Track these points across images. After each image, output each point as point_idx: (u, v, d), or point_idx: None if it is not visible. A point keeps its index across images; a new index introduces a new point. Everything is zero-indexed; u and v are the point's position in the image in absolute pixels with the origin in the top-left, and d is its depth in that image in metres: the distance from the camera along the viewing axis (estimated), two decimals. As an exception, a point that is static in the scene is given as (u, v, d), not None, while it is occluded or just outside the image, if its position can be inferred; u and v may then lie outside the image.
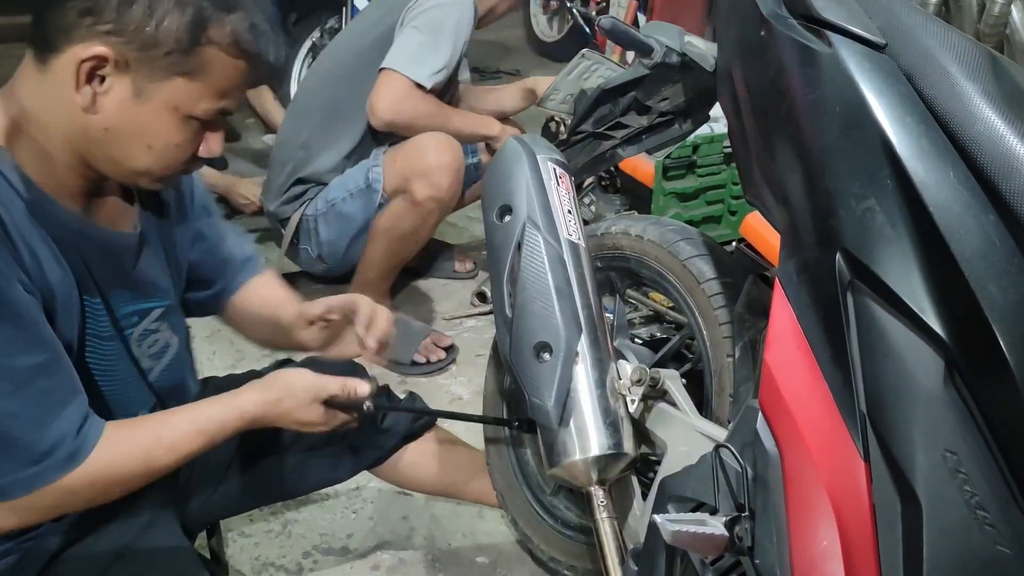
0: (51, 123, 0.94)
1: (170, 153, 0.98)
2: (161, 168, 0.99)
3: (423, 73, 2.15)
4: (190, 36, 0.92)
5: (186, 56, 0.92)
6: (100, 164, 0.98)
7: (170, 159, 0.99)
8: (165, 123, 0.95)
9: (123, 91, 0.93)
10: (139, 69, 0.92)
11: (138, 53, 0.91)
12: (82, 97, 0.92)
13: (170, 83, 0.93)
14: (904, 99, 0.82)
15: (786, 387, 0.86)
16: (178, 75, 0.93)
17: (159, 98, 0.94)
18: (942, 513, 0.74)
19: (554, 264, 1.18)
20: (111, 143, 0.95)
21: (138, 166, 0.98)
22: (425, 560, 1.65)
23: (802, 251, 0.88)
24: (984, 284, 0.74)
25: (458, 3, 2.21)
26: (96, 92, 0.92)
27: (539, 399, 1.14)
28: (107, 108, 0.93)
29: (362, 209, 2.24)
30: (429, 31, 2.17)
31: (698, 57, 1.18)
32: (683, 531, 0.86)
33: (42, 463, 0.92)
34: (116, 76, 0.92)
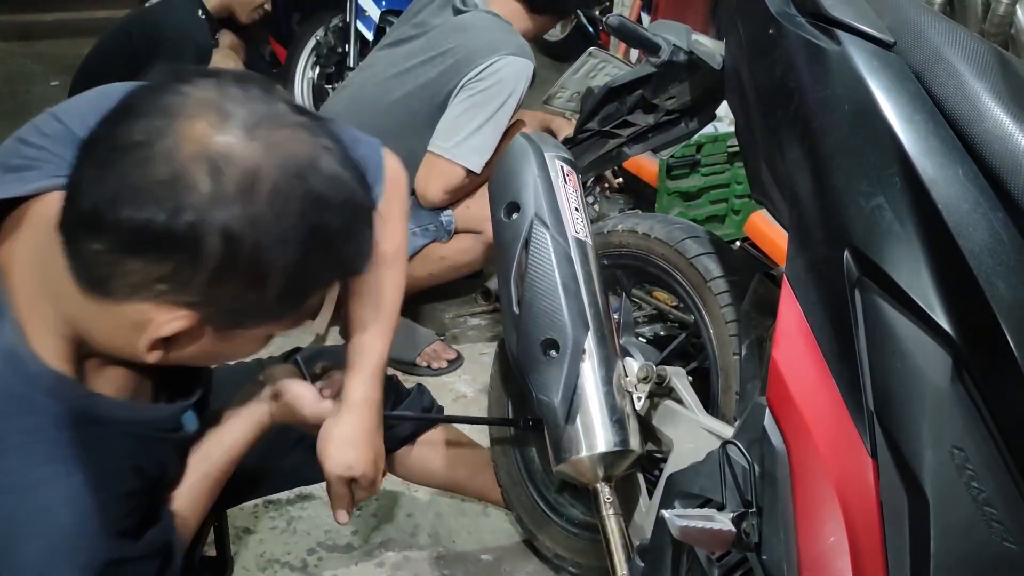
0: (126, 349, 0.81)
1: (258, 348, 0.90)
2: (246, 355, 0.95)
3: (478, 161, 2.03)
4: (297, 297, 0.79)
5: (289, 307, 0.80)
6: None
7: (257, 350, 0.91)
8: (252, 346, 0.87)
9: (205, 339, 0.80)
10: (223, 325, 0.79)
11: (231, 317, 0.78)
12: (152, 356, 0.79)
13: (258, 327, 0.83)
14: (913, 97, 0.83)
15: (794, 384, 0.86)
16: (268, 322, 0.82)
17: (247, 337, 0.84)
18: (949, 509, 0.74)
19: (561, 262, 1.18)
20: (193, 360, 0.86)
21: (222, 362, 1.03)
22: (430, 557, 1.65)
23: (810, 248, 0.88)
24: (992, 281, 0.74)
25: (521, 73, 2.04)
26: (168, 349, 0.80)
27: (546, 396, 1.14)
28: (182, 354, 0.81)
29: (423, 243, 2.16)
30: (490, 110, 2.02)
31: (705, 55, 1.18)
32: (691, 527, 0.86)
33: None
34: (195, 333, 0.78)
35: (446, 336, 2.37)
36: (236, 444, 1.08)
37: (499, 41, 2.04)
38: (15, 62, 4.44)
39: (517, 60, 2.02)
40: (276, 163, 0.71)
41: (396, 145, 2.11)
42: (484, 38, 2.04)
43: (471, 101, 2.02)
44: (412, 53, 2.11)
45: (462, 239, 2.15)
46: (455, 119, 2.04)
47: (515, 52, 2.03)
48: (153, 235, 0.69)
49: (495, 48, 2.01)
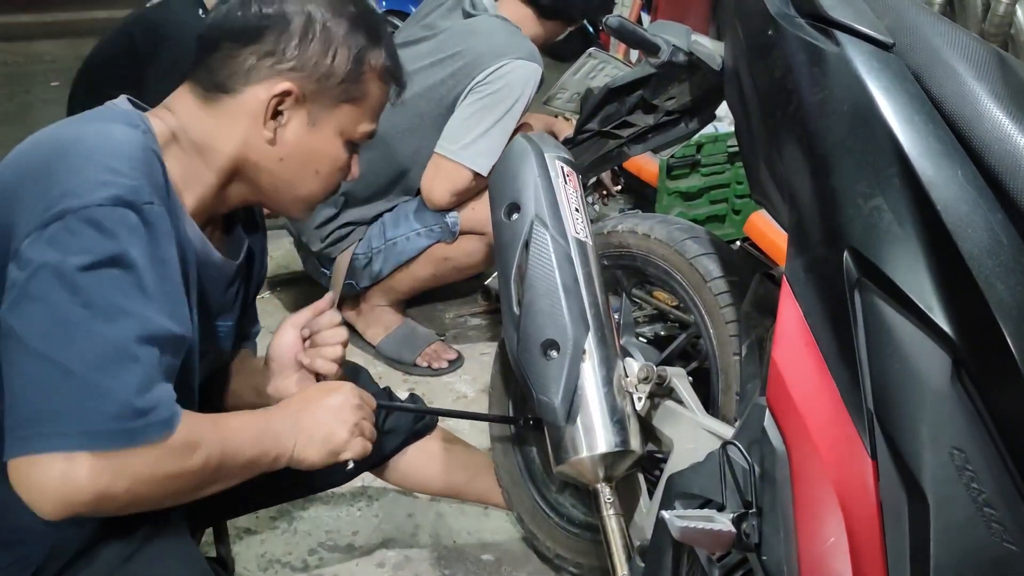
0: (220, 150, 1.03)
1: (334, 177, 1.10)
2: (322, 192, 1.11)
3: (485, 164, 2.03)
4: (356, 66, 1.04)
5: (354, 84, 1.05)
6: (262, 192, 1.08)
7: (332, 182, 1.11)
8: (334, 148, 1.08)
9: (300, 121, 1.04)
10: (315, 100, 1.04)
11: (316, 85, 1.03)
12: (267, 131, 1.02)
13: (339, 110, 1.06)
14: (912, 98, 0.83)
15: (794, 385, 0.86)
16: (346, 102, 1.05)
17: (330, 125, 1.06)
18: (949, 510, 0.75)
19: (562, 262, 1.18)
20: (283, 171, 1.06)
21: (304, 191, 1.09)
22: (431, 558, 1.65)
23: (809, 249, 0.88)
24: (991, 282, 0.74)
25: (530, 77, 2.04)
26: (277, 126, 1.03)
27: (546, 397, 1.15)
28: (286, 139, 1.04)
29: (428, 244, 2.16)
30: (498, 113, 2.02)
31: (705, 56, 1.18)
32: (691, 527, 0.86)
33: (145, 418, 0.88)
34: (295, 109, 1.03)
35: (446, 336, 2.37)
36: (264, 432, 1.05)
37: (508, 45, 2.04)
38: (16, 63, 4.45)
39: (525, 64, 2.03)
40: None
41: (402, 146, 2.12)
42: (493, 42, 2.05)
43: (479, 104, 2.02)
44: (420, 55, 2.11)
45: (467, 241, 2.15)
46: (463, 122, 2.04)
47: (523, 56, 2.03)
48: (258, 21, 1.01)
49: (504, 52, 2.02)
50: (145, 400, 0.88)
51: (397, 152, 2.12)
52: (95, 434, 0.85)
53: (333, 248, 2.19)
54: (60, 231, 0.86)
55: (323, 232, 2.18)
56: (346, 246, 2.17)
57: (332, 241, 2.18)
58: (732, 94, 1.09)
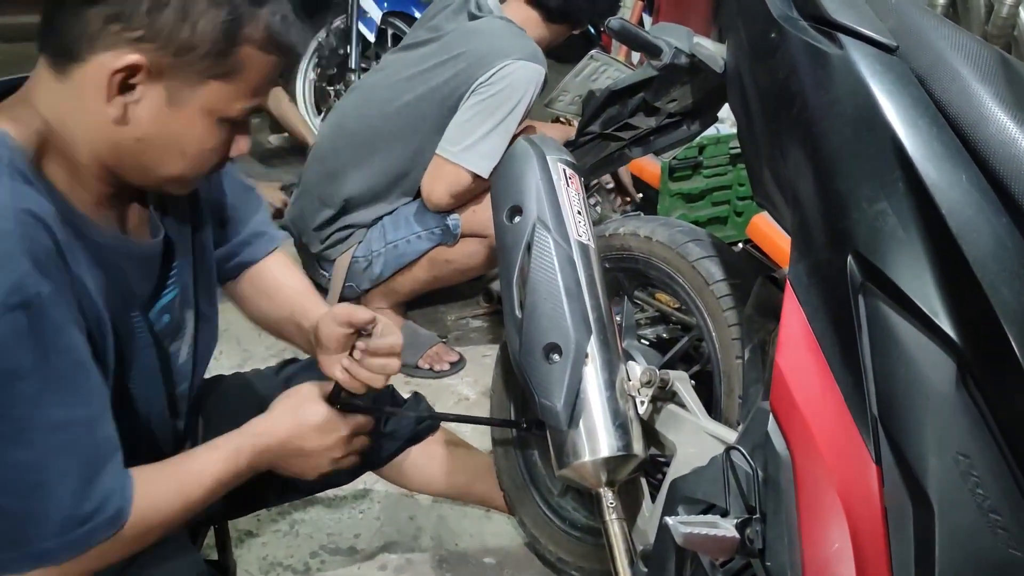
0: (77, 135, 0.90)
1: (205, 157, 0.95)
2: (194, 173, 0.97)
3: (486, 166, 2.03)
4: (226, 37, 0.87)
5: (223, 58, 0.88)
6: (129, 174, 0.94)
7: (204, 163, 0.96)
8: (201, 128, 0.92)
9: (156, 99, 0.88)
10: (173, 75, 0.87)
11: (172, 59, 0.86)
12: (113, 109, 0.87)
13: (205, 87, 0.89)
14: (916, 101, 0.82)
15: (797, 389, 0.86)
16: (214, 78, 0.89)
17: (194, 103, 0.90)
18: (954, 516, 0.74)
19: (564, 265, 1.18)
20: (143, 152, 0.92)
21: (171, 173, 0.95)
22: (432, 560, 1.65)
23: (813, 253, 0.88)
24: (996, 286, 0.74)
25: (532, 78, 2.04)
26: (127, 103, 0.88)
27: (548, 400, 1.14)
28: (139, 118, 0.89)
29: (429, 246, 2.16)
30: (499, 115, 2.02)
31: (707, 59, 1.18)
32: (694, 533, 0.86)
33: (91, 522, 0.88)
34: (148, 84, 0.87)
35: (448, 338, 2.37)
36: (211, 468, 1.04)
37: (510, 46, 2.04)
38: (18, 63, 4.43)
39: (527, 65, 2.02)
40: None
41: (404, 147, 2.12)
42: (495, 43, 2.04)
43: (481, 106, 2.02)
44: (424, 57, 2.11)
45: (468, 243, 2.15)
46: (464, 123, 2.04)
47: (525, 57, 2.02)
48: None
49: (506, 53, 2.01)
50: (86, 504, 0.88)
51: (398, 154, 2.12)
52: (44, 553, 0.87)
53: (332, 250, 2.18)
54: None
55: (322, 234, 2.18)
56: (345, 248, 2.17)
57: (331, 243, 2.18)
58: (735, 97, 1.08)
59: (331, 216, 2.16)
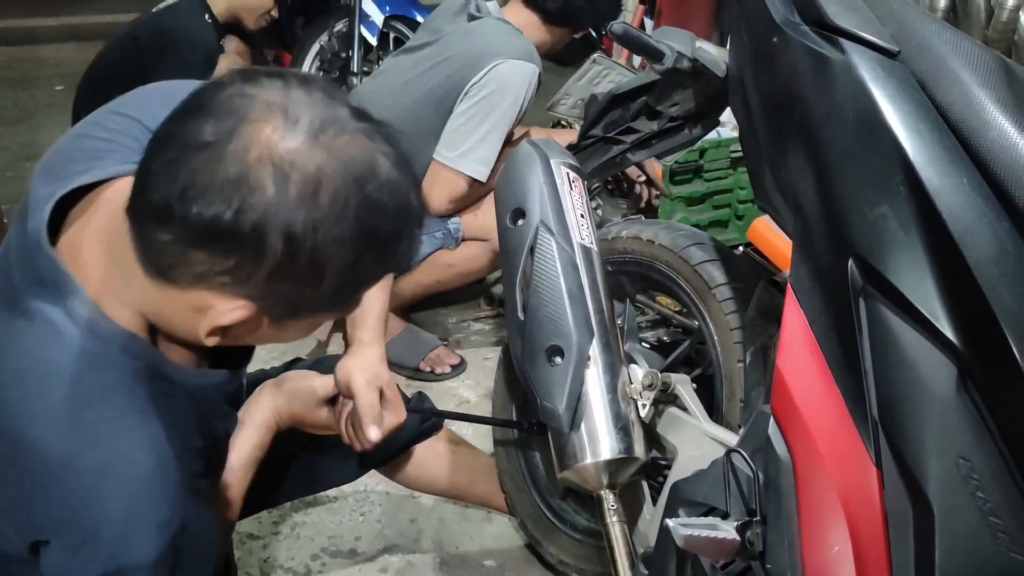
0: (176, 327, 0.84)
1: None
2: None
3: (483, 171, 2.03)
4: (348, 292, 0.81)
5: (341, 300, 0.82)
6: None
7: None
8: (303, 332, 0.88)
9: (259, 326, 0.81)
10: (280, 316, 0.80)
11: (285, 312, 0.80)
12: (209, 340, 0.81)
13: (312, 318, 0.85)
14: (917, 106, 0.83)
15: (798, 393, 0.86)
16: (321, 313, 0.84)
17: (297, 327, 0.85)
18: (954, 519, 0.74)
19: (567, 268, 1.18)
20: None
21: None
22: (433, 563, 1.65)
23: (814, 257, 0.88)
24: (997, 290, 0.74)
25: (524, 77, 2.02)
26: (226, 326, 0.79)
27: (550, 403, 1.14)
28: (236, 335, 0.82)
29: (430, 250, 2.15)
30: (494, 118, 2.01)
31: (709, 63, 1.18)
32: (695, 535, 0.86)
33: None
34: (252, 320, 0.79)
35: (449, 341, 2.37)
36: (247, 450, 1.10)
37: (502, 45, 2.03)
38: (20, 66, 4.46)
39: (518, 63, 2.01)
40: (338, 168, 0.73)
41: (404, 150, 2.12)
42: (487, 43, 2.04)
43: (475, 109, 2.01)
44: (421, 60, 2.11)
45: (469, 247, 2.15)
46: (459, 128, 2.03)
47: (517, 56, 2.01)
48: (219, 231, 0.71)
49: (497, 52, 2.01)
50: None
51: None
52: None
53: None
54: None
55: None
56: None
57: None
58: (736, 101, 1.09)
59: None
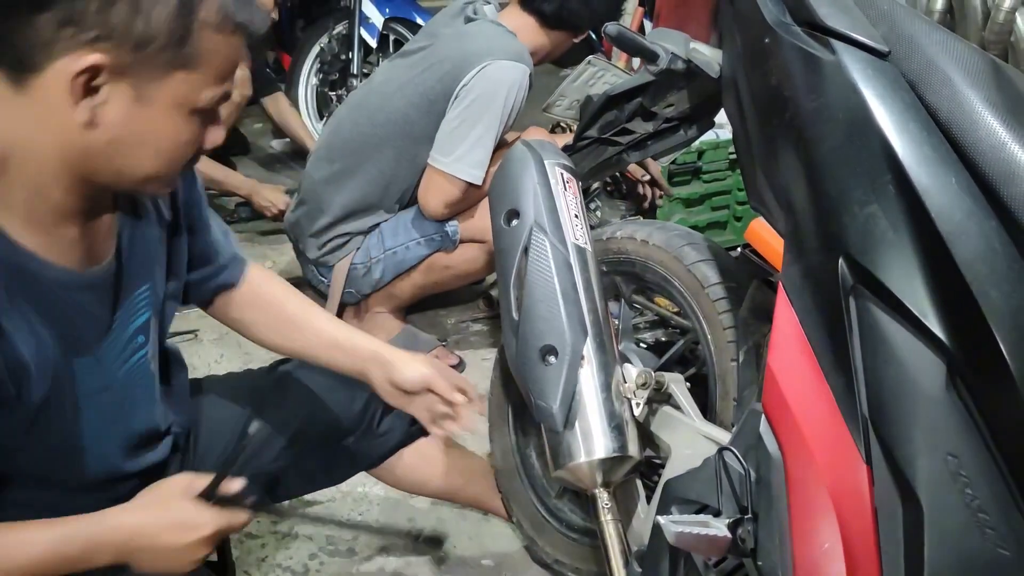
0: (42, 150, 0.87)
1: (180, 152, 0.92)
2: (170, 170, 0.94)
3: (478, 175, 2.03)
4: (182, 22, 0.85)
5: (182, 46, 0.85)
6: (104, 179, 0.91)
7: (180, 158, 0.93)
8: (172, 122, 0.89)
9: (123, 99, 0.86)
10: (136, 72, 0.85)
11: (132, 54, 0.84)
12: (81, 113, 0.84)
13: (170, 79, 0.86)
14: (907, 106, 0.83)
15: (789, 391, 0.87)
16: (177, 68, 0.86)
17: (162, 98, 0.87)
18: (943, 515, 0.75)
19: (560, 268, 1.19)
20: (116, 155, 0.89)
21: (147, 172, 0.92)
22: (431, 563, 1.65)
23: (805, 256, 0.89)
24: (985, 289, 0.75)
25: (513, 78, 2.02)
26: (94, 106, 0.85)
27: (545, 402, 1.15)
28: (109, 120, 0.86)
29: (427, 252, 2.16)
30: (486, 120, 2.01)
31: (703, 64, 1.19)
32: (686, 532, 0.87)
33: None
34: (113, 84, 0.84)
35: (448, 342, 2.38)
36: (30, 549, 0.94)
37: (492, 46, 2.03)
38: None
39: (507, 64, 2.00)
40: None
41: (396, 154, 2.13)
42: (477, 45, 2.04)
43: (466, 112, 2.01)
44: (415, 63, 2.12)
45: (467, 249, 2.15)
46: (452, 132, 2.04)
47: (507, 56, 2.01)
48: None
49: (486, 53, 2.00)
50: None
51: (390, 161, 2.13)
52: None
53: (330, 256, 2.19)
54: None
55: (319, 240, 2.19)
56: (343, 255, 2.18)
57: (329, 250, 2.19)
58: (730, 101, 1.10)
59: (328, 223, 2.17)
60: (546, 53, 2.20)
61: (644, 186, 2.37)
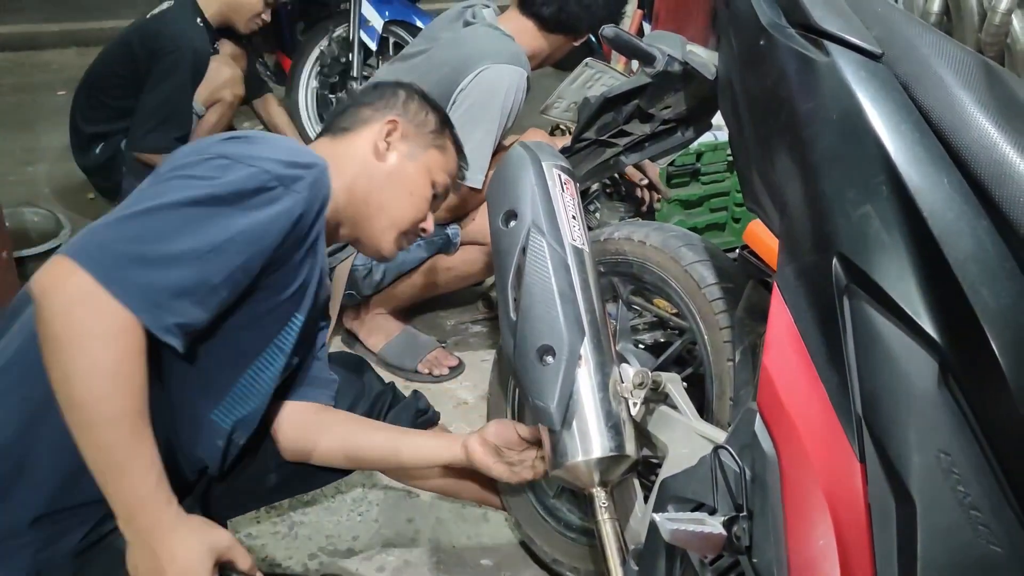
0: (345, 169, 1.28)
1: (421, 206, 1.34)
2: (410, 218, 1.34)
3: (478, 177, 2.05)
4: (440, 126, 1.38)
5: (440, 136, 1.37)
6: (370, 208, 1.30)
7: (419, 211, 1.34)
8: (423, 179, 1.34)
9: (402, 150, 1.33)
10: (413, 138, 1.34)
11: (414, 128, 1.35)
12: (379, 147, 1.31)
13: (429, 153, 1.35)
14: (900, 107, 0.84)
15: (784, 389, 0.87)
16: (433, 148, 1.36)
17: (422, 160, 1.34)
18: (936, 513, 0.75)
19: (558, 268, 1.19)
20: (386, 186, 1.31)
21: (396, 212, 1.32)
22: (430, 562, 1.66)
23: (799, 256, 0.89)
24: (977, 288, 0.75)
25: (510, 81, 2.03)
26: (387, 145, 1.32)
27: (542, 401, 1.16)
28: (391, 159, 1.32)
29: (428, 254, 2.17)
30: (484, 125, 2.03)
31: (699, 66, 1.20)
32: (681, 530, 0.87)
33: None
34: (398, 141, 1.33)
35: (447, 343, 2.39)
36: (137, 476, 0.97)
37: (488, 50, 2.04)
38: (22, 72, 4.49)
39: (504, 68, 2.02)
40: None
41: None
42: (475, 48, 2.05)
43: (466, 117, 2.02)
44: (415, 67, 2.13)
45: (468, 250, 2.16)
46: None
47: (503, 60, 2.02)
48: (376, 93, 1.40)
49: (483, 57, 2.02)
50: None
51: None
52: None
53: (331, 258, 2.20)
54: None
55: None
56: (344, 257, 2.19)
57: (330, 252, 2.20)
58: (725, 103, 1.10)
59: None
60: (545, 56, 2.21)
61: (641, 189, 2.38)
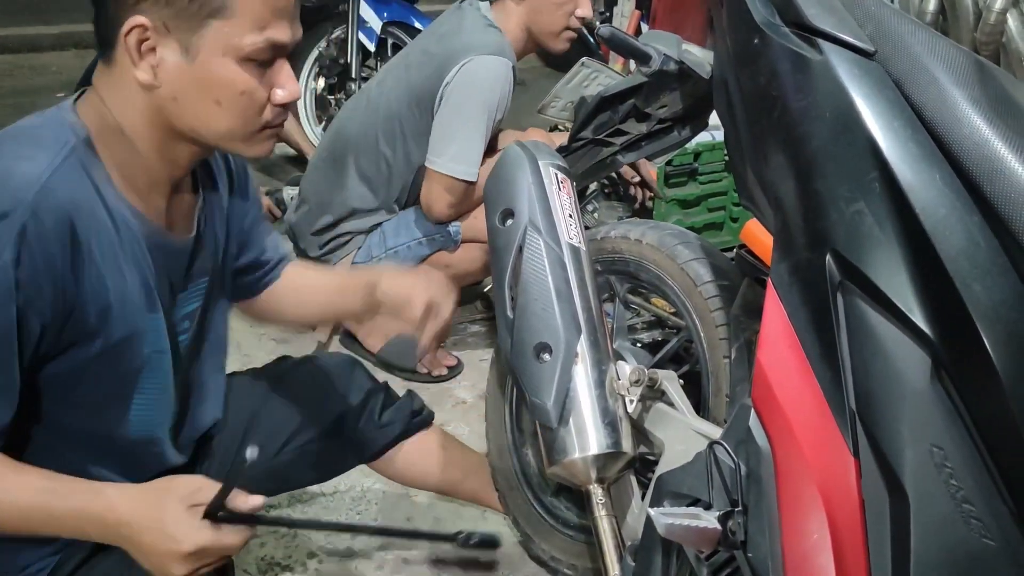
0: (130, 113, 0.97)
1: (242, 103, 0.97)
2: (242, 124, 0.98)
3: (472, 171, 2.06)
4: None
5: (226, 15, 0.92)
6: (187, 137, 0.99)
7: (244, 110, 0.97)
8: (223, 72, 0.94)
9: (174, 54, 0.93)
10: (176, 26, 0.92)
11: (169, 10, 0.92)
12: (143, 73, 0.94)
13: (208, 29, 0.92)
14: (892, 105, 0.85)
15: (778, 385, 0.88)
16: (211, 18, 0.92)
17: (205, 49, 0.93)
18: (929, 506, 0.76)
19: (554, 267, 1.20)
20: (184, 111, 0.96)
21: (220, 127, 0.98)
22: (429, 561, 1.66)
23: (793, 253, 0.90)
24: (969, 284, 0.76)
25: (496, 72, 2.04)
26: (152, 65, 0.94)
27: (539, 399, 1.16)
28: (167, 77, 0.94)
29: (429, 252, 2.18)
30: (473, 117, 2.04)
31: (695, 65, 1.21)
32: (677, 524, 0.88)
33: None
34: (162, 42, 0.93)
35: (446, 343, 2.39)
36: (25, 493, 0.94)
37: (472, 43, 2.05)
38: (21, 74, 4.49)
39: (488, 59, 2.02)
40: None
41: (391, 153, 2.15)
42: (461, 40, 2.06)
43: (455, 111, 2.04)
44: (411, 63, 2.15)
45: (468, 249, 2.17)
46: (443, 132, 2.06)
47: (486, 51, 2.03)
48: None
49: (467, 49, 2.03)
50: None
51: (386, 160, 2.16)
52: None
53: (331, 256, 2.21)
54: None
55: (321, 239, 2.20)
56: (344, 254, 2.19)
57: (330, 248, 2.21)
58: (720, 101, 1.11)
59: (330, 222, 2.19)
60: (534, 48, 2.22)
61: (634, 187, 2.39)
